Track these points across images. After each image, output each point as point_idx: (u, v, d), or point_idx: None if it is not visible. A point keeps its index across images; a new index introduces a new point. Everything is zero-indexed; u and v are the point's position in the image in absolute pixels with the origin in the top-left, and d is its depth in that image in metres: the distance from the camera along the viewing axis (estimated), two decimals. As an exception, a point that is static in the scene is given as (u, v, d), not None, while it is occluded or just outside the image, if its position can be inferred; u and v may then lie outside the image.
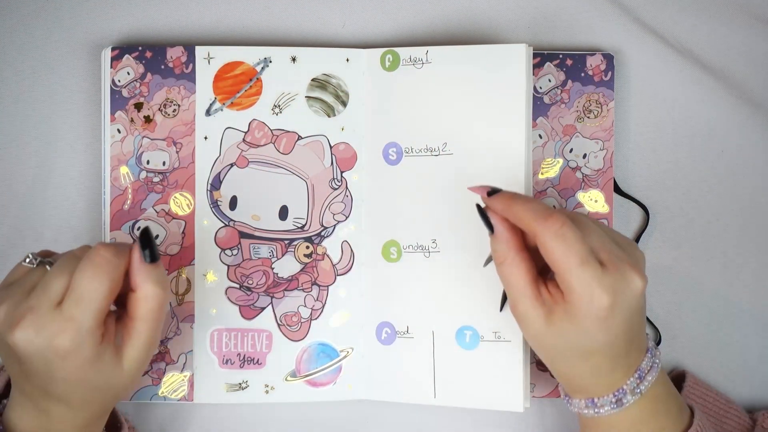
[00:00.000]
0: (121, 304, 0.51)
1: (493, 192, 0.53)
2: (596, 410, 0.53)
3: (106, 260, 0.48)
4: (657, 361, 0.54)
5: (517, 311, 0.53)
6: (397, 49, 0.62)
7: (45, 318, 0.47)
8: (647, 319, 0.65)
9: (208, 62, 0.61)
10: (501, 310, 0.59)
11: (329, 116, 0.62)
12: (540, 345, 0.53)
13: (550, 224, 0.50)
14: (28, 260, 0.51)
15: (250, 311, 0.62)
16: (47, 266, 0.50)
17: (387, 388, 0.62)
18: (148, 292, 0.50)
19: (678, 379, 0.64)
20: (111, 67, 0.61)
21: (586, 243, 0.50)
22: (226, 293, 0.61)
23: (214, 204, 0.61)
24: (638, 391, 0.52)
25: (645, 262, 0.54)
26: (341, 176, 0.62)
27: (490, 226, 0.53)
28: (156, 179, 0.61)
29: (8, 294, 0.49)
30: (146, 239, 0.50)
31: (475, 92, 0.61)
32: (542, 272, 0.54)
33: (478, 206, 0.54)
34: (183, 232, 0.61)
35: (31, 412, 0.51)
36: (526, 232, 0.52)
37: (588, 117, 0.63)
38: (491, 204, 0.53)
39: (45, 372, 0.48)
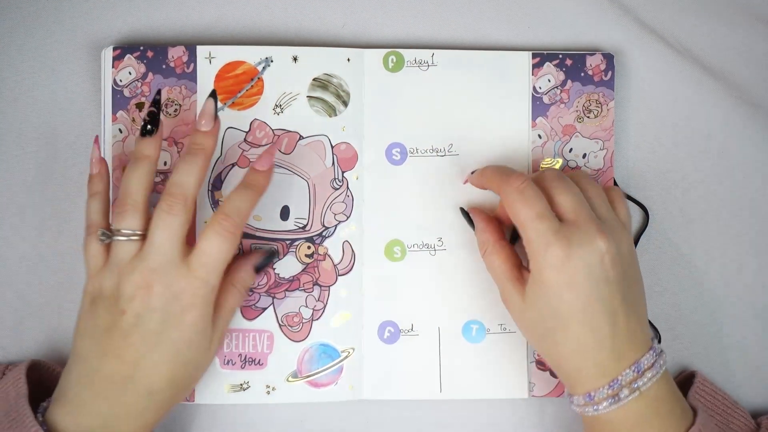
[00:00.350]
0: None
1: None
2: (595, 407, 0.53)
3: (230, 233, 0.53)
4: (661, 362, 0.54)
5: (503, 296, 0.57)
6: (401, 51, 0.62)
7: (171, 274, 0.52)
8: (648, 320, 0.65)
9: (210, 62, 0.61)
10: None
11: (330, 116, 0.62)
12: (524, 324, 0.56)
13: (512, 182, 0.54)
14: (103, 238, 0.54)
15: (251, 312, 0.62)
16: (124, 236, 0.53)
17: (390, 387, 0.62)
18: (247, 275, 0.57)
19: (688, 380, 0.64)
20: (112, 66, 0.61)
21: (544, 201, 0.54)
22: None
23: (216, 204, 0.61)
24: (636, 386, 0.53)
25: (626, 236, 0.56)
26: (342, 176, 0.62)
27: (471, 223, 0.60)
28: (157, 179, 0.61)
29: (119, 268, 0.53)
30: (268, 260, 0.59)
31: (481, 96, 0.63)
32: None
33: (461, 209, 0.61)
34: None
35: (89, 410, 0.52)
36: (496, 193, 0.57)
37: (588, 117, 0.64)
38: (472, 179, 0.59)
39: (154, 338, 0.52)
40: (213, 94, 0.55)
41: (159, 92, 0.56)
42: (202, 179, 0.54)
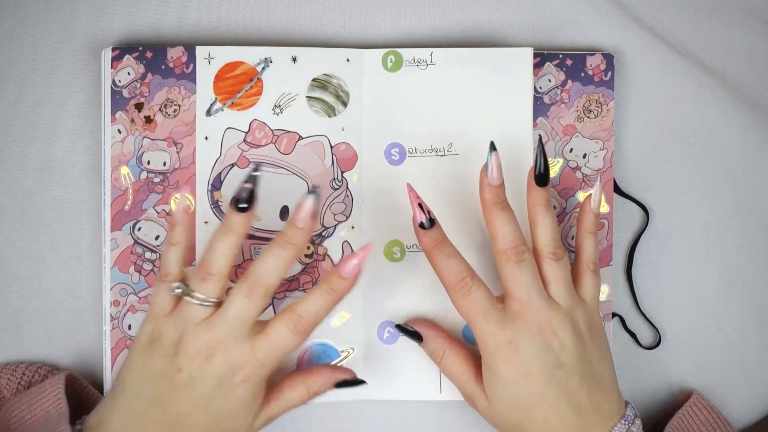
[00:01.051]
0: None
1: (423, 225, 0.56)
2: None
3: (300, 333, 0.53)
4: (634, 429, 0.55)
5: (467, 395, 0.58)
6: (399, 50, 0.62)
7: (235, 349, 0.53)
8: (648, 320, 0.65)
9: (209, 62, 0.61)
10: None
11: (330, 116, 0.62)
12: (493, 418, 0.57)
13: (460, 286, 0.55)
14: (179, 291, 0.54)
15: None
16: (199, 301, 0.54)
17: (389, 388, 0.62)
18: (316, 387, 0.57)
19: (686, 399, 0.64)
20: (111, 67, 0.61)
21: (489, 298, 0.55)
22: (227, 294, 0.61)
23: (215, 204, 0.61)
24: None
25: (584, 313, 0.57)
26: (342, 176, 0.62)
27: (416, 336, 0.60)
28: (156, 180, 0.61)
29: (186, 325, 0.53)
30: (352, 383, 0.58)
31: (481, 94, 0.62)
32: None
33: (398, 326, 0.60)
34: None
35: None
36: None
37: (588, 117, 0.64)
38: (420, 238, 0.56)
39: (202, 401, 0.53)
40: (315, 192, 0.53)
41: (257, 168, 0.53)
42: (285, 272, 0.54)
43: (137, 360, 0.54)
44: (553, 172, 0.64)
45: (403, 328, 0.60)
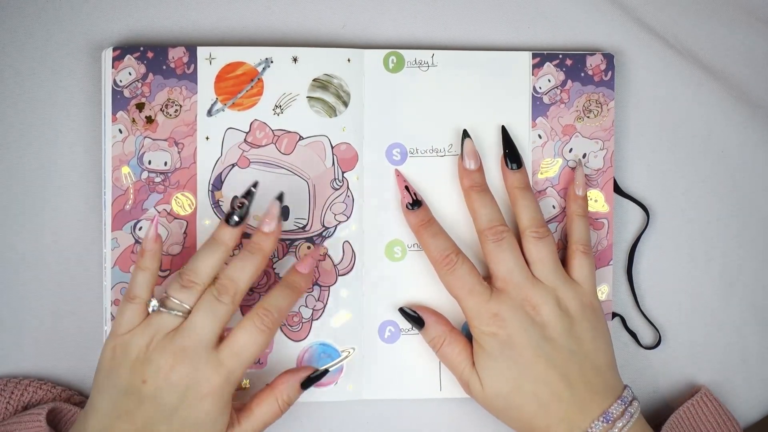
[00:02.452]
0: None
1: (411, 205, 0.60)
2: None
3: (267, 328, 0.54)
4: (632, 410, 0.56)
5: (463, 381, 0.59)
6: (401, 51, 0.62)
7: (201, 358, 0.53)
8: (648, 320, 0.65)
9: (210, 63, 0.61)
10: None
11: (330, 116, 0.62)
12: (486, 400, 0.58)
13: (445, 262, 0.58)
14: (154, 307, 0.54)
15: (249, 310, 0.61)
16: (172, 309, 0.54)
17: (390, 387, 0.62)
18: (286, 396, 0.57)
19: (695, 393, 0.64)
20: (112, 67, 0.61)
21: (474, 275, 0.57)
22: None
23: (216, 204, 0.61)
24: None
25: (574, 292, 0.58)
26: (342, 176, 0.62)
27: (418, 322, 0.60)
28: (157, 179, 0.61)
29: (154, 335, 0.54)
30: (316, 379, 0.59)
31: (481, 96, 0.63)
32: None
33: (401, 309, 0.61)
34: (185, 233, 0.61)
35: None
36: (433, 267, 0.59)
37: (588, 117, 0.64)
38: (409, 217, 0.60)
39: (167, 412, 0.53)
40: (280, 197, 0.56)
41: (256, 184, 0.56)
42: (255, 277, 0.55)
43: (102, 379, 0.54)
44: (553, 172, 0.64)
45: (405, 312, 0.61)
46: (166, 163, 0.61)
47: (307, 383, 0.58)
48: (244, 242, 0.56)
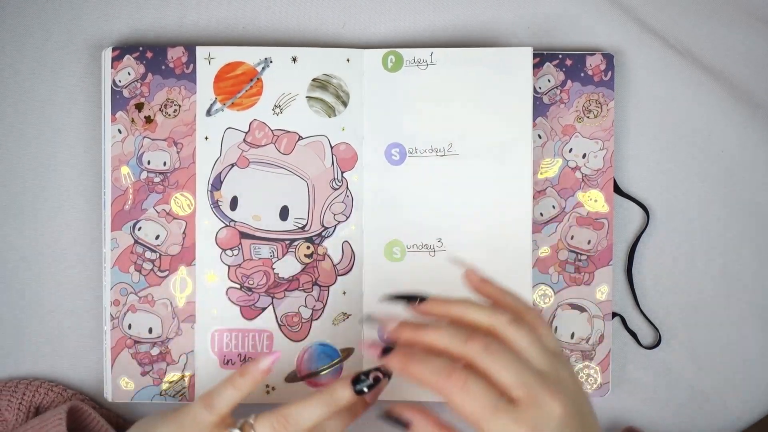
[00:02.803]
0: None
1: (385, 351, 0.50)
2: None
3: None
4: None
5: None
6: (400, 50, 0.62)
7: None
8: (648, 320, 0.65)
9: (209, 62, 0.61)
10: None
11: (330, 116, 0.62)
12: None
13: (453, 382, 0.48)
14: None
15: (250, 311, 0.62)
16: None
17: (389, 388, 0.62)
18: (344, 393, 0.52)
19: None
20: (112, 67, 0.61)
21: (493, 390, 0.47)
22: (226, 294, 0.61)
23: (215, 204, 0.61)
24: None
25: (563, 365, 0.50)
26: (342, 176, 0.62)
27: (402, 424, 0.50)
28: (157, 179, 0.61)
29: None
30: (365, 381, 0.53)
31: (480, 94, 0.62)
32: None
33: (380, 415, 0.51)
34: (184, 233, 0.61)
35: None
36: (431, 390, 0.49)
37: (588, 117, 0.64)
38: (389, 363, 0.50)
39: None
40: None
41: (388, 374, 0.53)
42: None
43: None
44: (553, 172, 0.64)
45: (386, 416, 0.50)
46: (165, 163, 0.61)
47: (361, 389, 0.53)
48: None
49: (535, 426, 0.47)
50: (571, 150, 0.64)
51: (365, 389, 0.52)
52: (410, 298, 0.52)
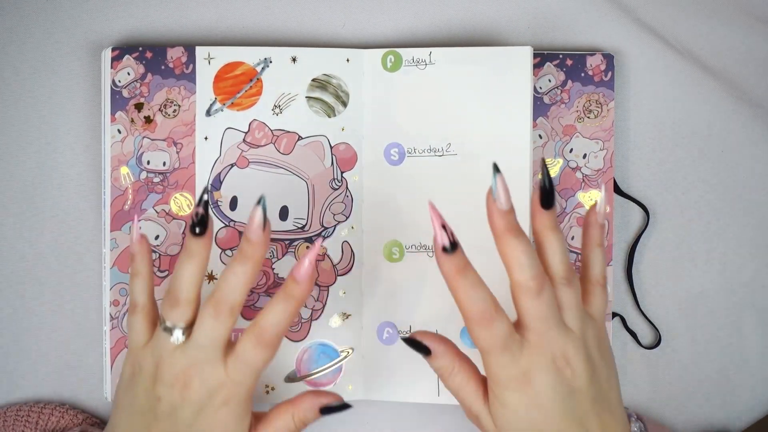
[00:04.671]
0: None
1: (446, 249, 0.51)
2: None
3: (267, 344, 0.51)
4: None
5: (472, 414, 0.54)
6: (399, 50, 0.62)
7: (209, 375, 0.51)
8: (648, 320, 0.65)
9: (209, 62, 0.61)
10: None
11: (329, 116, 0.62)
12: None
13: (481, 317, 0.50)
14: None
15: (250, 312, 0.62)
16: (171, 328, 0.52)
17: (388, 389, 0.62)
18: (302, 415, 0.54)
19: None
20: (111, 67, 0.61)
21: (507, 325, 0.50)
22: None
23: (215, 204, 0.61)
24: None
25: (594, 329, 0.53)
26: (341, 176, 0.62)
27: (425, 350, 0.53)
28: (156, 179, 0.61)
29: (161, 353, 0.53)
30: (338, 409, 0.55)
31: (479, 93, 0.62)
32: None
33: (405, 339, 0.54)
34: (183, 233, 0.61)
35: None
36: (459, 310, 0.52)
37: (588, 117, 0.64)
38: (442, 262, 0.51)
39: (183, 427, 0.52)
40: (261, 202, 0.51)
41: (206, 190, 0.52)
42: (249, 286, 0.52)
43: (122, 396, 0.54)
44: (553, 172, 0.64)
45: (410, 341, 0.54)
46: (164, 164, 0.61)
47: (327, 410, 0.55)
48: (236, 252, 0.52)
49: (530, 366, 0.51)
50: (571, 150, 0.64)
51: (197, 229, 0.52)
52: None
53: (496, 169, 0.50)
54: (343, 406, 0.55)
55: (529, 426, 0.52)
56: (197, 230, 0.52)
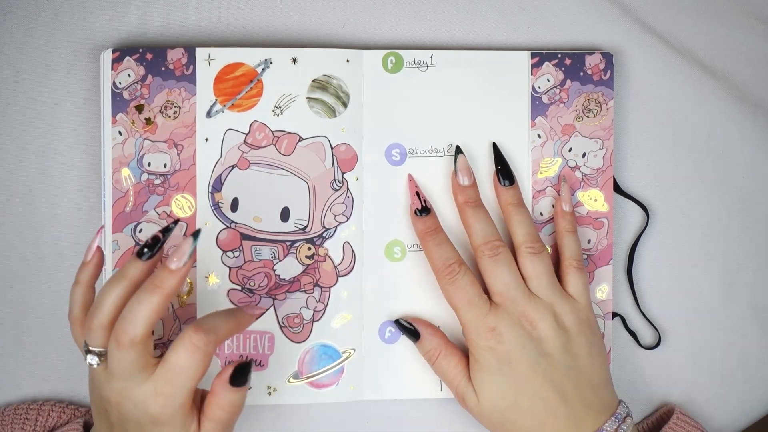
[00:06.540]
0: None
1: (418, 211, 0.61)
2: None
3: (199, 347, 0.50)
4: (624, 427, 0.56)
5: (459, 394, 0.59)
6: (400, 52, 0.62)
7: (137, 394, 0.50)
8: (648, 320, 0.65)
9: (209, 64, 0.61)
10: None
11: (330, 117, 0.62)
12: (482, 414, 0.58)
13: (448, 272, 0.58)
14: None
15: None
16: (90, 353, 0.52)
17: (390, 387, 0.62)
18: (225, 401, 0.52)
19: (667, 415, 0.64)
20: (111, 69, 0.61)
21: (475, 286, 0.57)
22: (228, 295, 0.61)
23: (216, 206, 0.61)
24: None
25: (571, 308, 0.58)
26: (342, 177, 0.62)
27: (413, 334, 0.60)
28: (157, 181, 0.61)
29: (96, 375, 0.52)
30: (243, 371, 0.52)
31: (479, 96, 0.63)
32: None
33: (396, 321, 0.61)
34: (184, 235, 0.61)
35: None
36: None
37: (587, 116, 0.64)
38: (416, 223, 0.61)
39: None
40: (195, 234, 0.50)
41: (176, 222, 0.52)
42: (156, 319, 0.49)
43: (90, 392, 0.55)
44: (553, 171, 0.64)
45: (401, 324, 0.61)
46: (165, 165, 0.61)
47: (235, 379, 0.52)
48: (146, 281, 0.50)
49: (497, 324, 0.56)
50: (570, 149, 0.64)
51: (145, 251, 0.51)
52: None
53: (459, 150, 0.61)
54: (247, 365, 0.53)
55: (503, 383, 0.56)
56: (145, 253, 0.51)
